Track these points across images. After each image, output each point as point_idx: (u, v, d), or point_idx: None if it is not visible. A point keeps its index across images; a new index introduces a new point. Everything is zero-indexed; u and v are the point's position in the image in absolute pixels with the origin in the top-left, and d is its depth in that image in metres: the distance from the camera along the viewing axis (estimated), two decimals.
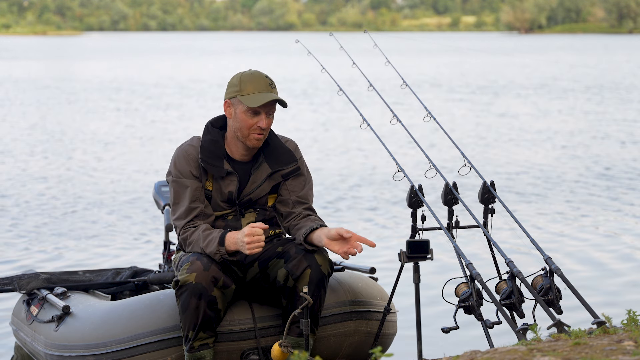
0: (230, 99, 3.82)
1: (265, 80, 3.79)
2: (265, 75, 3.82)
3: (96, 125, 16.32)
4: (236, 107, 3.80)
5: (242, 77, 3.80)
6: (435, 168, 3.95)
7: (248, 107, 3.75)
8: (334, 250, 3.66)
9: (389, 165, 11.22)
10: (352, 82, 20.02)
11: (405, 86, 4.55)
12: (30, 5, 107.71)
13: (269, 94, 3.76)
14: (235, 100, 3.80)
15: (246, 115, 3.77)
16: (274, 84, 3.83)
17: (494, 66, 35.47)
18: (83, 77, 29.96)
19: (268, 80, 3.80)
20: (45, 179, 10.73)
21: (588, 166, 11.59)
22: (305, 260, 3.72)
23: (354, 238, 3.65)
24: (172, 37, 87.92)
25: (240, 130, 3.80)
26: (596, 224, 8.23)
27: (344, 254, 3.64)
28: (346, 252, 3.64)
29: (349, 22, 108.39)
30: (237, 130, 3.81)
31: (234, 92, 3.80)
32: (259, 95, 3.75)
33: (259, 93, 3.76)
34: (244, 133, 3.80)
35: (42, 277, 4.47)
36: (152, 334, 3.81)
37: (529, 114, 18.26)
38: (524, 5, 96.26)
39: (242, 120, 3.79)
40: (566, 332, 3.25)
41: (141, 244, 7.56)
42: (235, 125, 3.82)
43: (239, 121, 3.80)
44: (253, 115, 3.77)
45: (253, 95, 3.76)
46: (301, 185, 3.93)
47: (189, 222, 3.82)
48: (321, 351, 3.95)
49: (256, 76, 3.80)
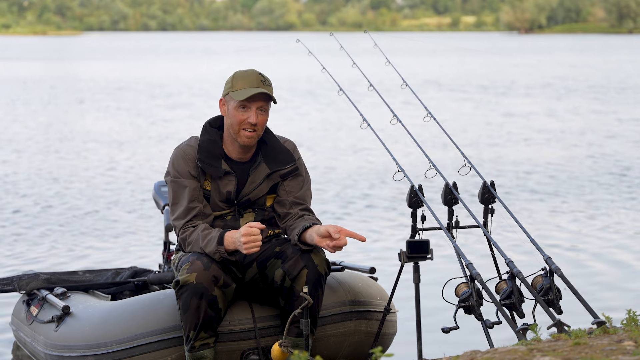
0: (224, 97, 3.85)
1: (257, 77, 3.81)
2: (258, 72, 3.84)
3: (93, 124, 16.31)
4: (229, 103, 3.83)
5: (235, 74, 3.85)
6: (435, 168, 3.95)
7: (237, 101, 3.77)
8: (323, 247, 3.67)
9: (389, 165, 11.23)
10: (352, 82, 20.03)
11: (405, 86, 4.55)
12: (30, 5, 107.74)
13: (257, 89, 3.77)
14: (228, 96, 3.82)
15: (237, 111, 3.79)
16: (268, 81, 3.83)
17: (494, 66, 35.47)
18: (87, 77, 29.96)
19: (261, 77, 3.82)
20: (46, 178, 10.72)
21: (588, 166, 11.59)
22: (302, 261, 3.72)
23: (343, 233, 3.65)
24: (172, 37, 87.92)
25: (232, 127, 3.82)
26: (596, 224, 8.22)
27: (331, 248, 3.65)
28: (332, 247, 3.64)
29: (349, 22, 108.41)
30: (230, 127, 3.83)
31: (227, 89, 3.84)
32: (247, 90, 3.78)
33: (248, 88, 3.78)
34: (235, 129, 3.81)
35: (42, 278, 4.47)
36: (152, 334, 3.81)
37: (528, 114, 18.25)
38: (524, 5, 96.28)
39: (233, 115, 3.81)
40: (566, 332, 3.24)
41: (141, 244, 7.56)
42: (227, 121, 3.84)
43: (230, 117, 3.82)
44: (243, 110, 3.78)
45: (243, 90, 3.78)
46: (299, 186, 3.93)
47: (187, 222, 3.82)
48: (321, 351, 3.95)
49: (249, 73, 3.83)
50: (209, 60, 41.57)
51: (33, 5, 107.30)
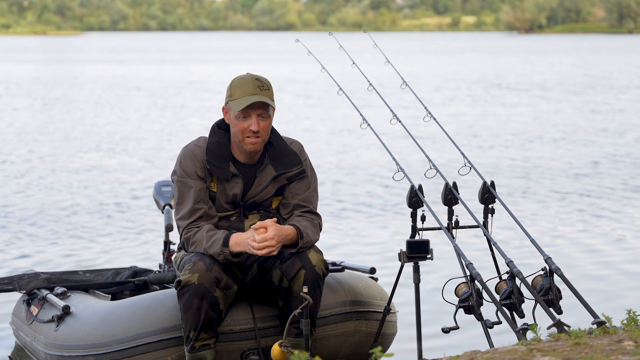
0: (225, 105, 3.84)
1: (253, 83, 3.76)
2: (255, 77, 3.78)
3: (93, 124, 16.32)
4: (230, 112, 3.81)
5: (233, 82, 3.82)
6: (435, 168, 3.95)
7: (237, 111, 3.75)
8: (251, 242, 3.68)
9: (389, 165, 11.23)
10: (352, 82, 20.02)
11: (405, 86, 4.55)
12: (30, 5, 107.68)
13: (254, 97, 3.74)
14: (228, 105, 3.81)
15: (238, 120, 3.77)
16: (266, 85, 3.78)
17: (495, 66, 35.47)
18: (87, 77, 29.95)
19: (258, 82, 3.77)
20: (46, 178, 10.72)
21: (588, 166, 11.59)
22: (299, 261, 3.72)
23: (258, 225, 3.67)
24: (172, 37, 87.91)
25: (236, 135, 3.80)
26: (596, 224, 8.22)
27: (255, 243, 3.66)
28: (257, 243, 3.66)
29: (349, 22, 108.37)
30: (234, 135, 3.82)
31: (227, 98, 3.82)
32: (244, 99, 3.75)
33: (245, 97, 3.75)
34: (238, 138, 3.80)
35: (42, 277, 4.47)
36: (152, 334, 3.81)
37: (528, 114, 18.25)
38: (524, 5, 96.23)
39: (235, 125, 3.79)
40: (566, 332, 3.24)
41: (141, 244, 7.56)
42: (232, 130, 3.83)
43: (233, 126, 3.81)
44: (244, 119, 3.77)
45: (240, 99, 3.75)
46: (305, 188, 3.91)
47: (192, 222, 3.81)
48: (321, 351, 3.95)
49: (245, 80, 3.78)
50: (207, 61, 41.54)
51: (33, 5, 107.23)
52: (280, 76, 27.82)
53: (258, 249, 3.63)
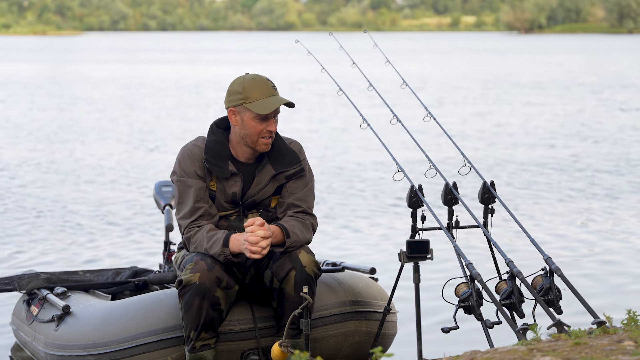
0: (235, 107, 3.80)
1: (268, 84, 3.79)
2: (266, 78, 3.81)
3: (94, 123, 16.32)
4: (243, 114, 3.79)
5: (245, 83, 3.79)
6: (435, 168, 3.95)
7: (257, 114, 3.75)
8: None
9: (389, 165, 11.22)
10: (352, 82, 20.02)
11: (405, 86, 4.55)
12: (30, 5, 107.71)
13: (277, 98, 3.78)
14: (241, 107, 3.78)
15: (255, 122, 3.77)
16: (275, 85, 3.84)
17: (495, 66, 35.46)
18: (87, 76, 29.94)
19: (270, 83, 3.81)
20: (46, 178, 10.72)
21: (589, 166, 11.59)
22: (289, 262, 3.72)
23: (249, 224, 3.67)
24: (172, 37, 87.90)
25: (250, 137, 3.79)
26: (596, 224, 8.22)
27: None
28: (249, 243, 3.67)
29: (349, 22, 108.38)
30: (246, 137, 3.80)
31: (238, 100, 3.78)
32: (266, 101, 3.75)
33: (265, 98, 3.76)
34: (253, 139, 3.79)
35: (42, 277, 4.47)
36: (152, 333, 3.81)
37: (528, 114, 18.25)
38: (524, 5, 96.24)
39: (250, 127, 3.78)
40: (566, 332, 3.25)
41: (141, 244, 7.56)
42: (243, 132, 3.80)
43: (247, 128, 3.78)
44: (262, 121, 3.77)
45: (260, 101, 3.75)
46: (301, 187, 3.92)
47: (193, 221, 3.82)
48: (321, 351, 3.95)
49: (258, 81, 3.79)
50: (209, 61, 41.56)
51: (33, 5, 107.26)
52: (280, 76, 27.82)
53: (252, 252, 3.63)
